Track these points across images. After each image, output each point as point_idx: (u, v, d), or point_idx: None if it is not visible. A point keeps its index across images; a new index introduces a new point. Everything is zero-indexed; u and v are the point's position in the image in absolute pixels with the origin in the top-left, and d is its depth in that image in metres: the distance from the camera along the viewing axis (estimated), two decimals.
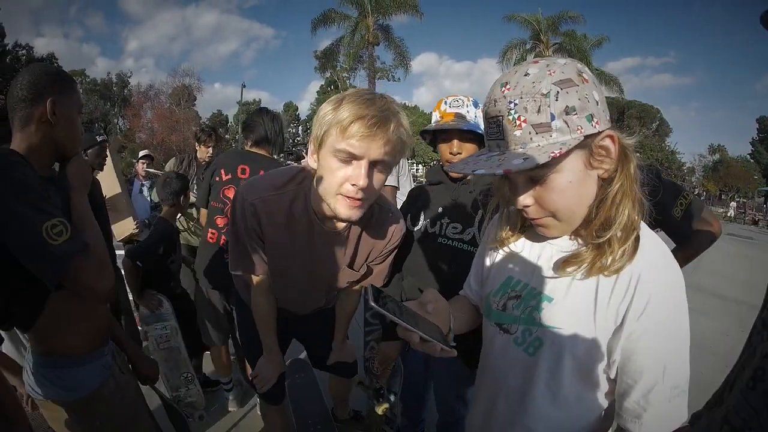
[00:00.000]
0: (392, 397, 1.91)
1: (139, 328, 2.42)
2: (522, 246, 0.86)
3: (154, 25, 72.81)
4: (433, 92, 79.66)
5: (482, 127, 0.70)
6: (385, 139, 0.96)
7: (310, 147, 1.07)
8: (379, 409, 1.85)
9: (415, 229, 1.55)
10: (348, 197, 1.02)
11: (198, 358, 2.57)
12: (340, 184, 1.01)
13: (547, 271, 0.78)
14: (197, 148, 3.37)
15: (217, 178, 2.19)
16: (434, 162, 5.89)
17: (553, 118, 0.64)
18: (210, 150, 3.27)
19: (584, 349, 0.72)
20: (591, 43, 23.52)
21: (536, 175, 0.69)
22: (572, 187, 0.69)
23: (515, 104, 0.65)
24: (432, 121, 1.51)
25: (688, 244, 1.65)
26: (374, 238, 1.28)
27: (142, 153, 4.62)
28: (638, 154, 0.72)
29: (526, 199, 0.73)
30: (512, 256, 0.87)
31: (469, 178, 1.46)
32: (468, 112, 1.44)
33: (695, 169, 46.23)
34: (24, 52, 26.62)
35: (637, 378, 0.70)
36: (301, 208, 1.19)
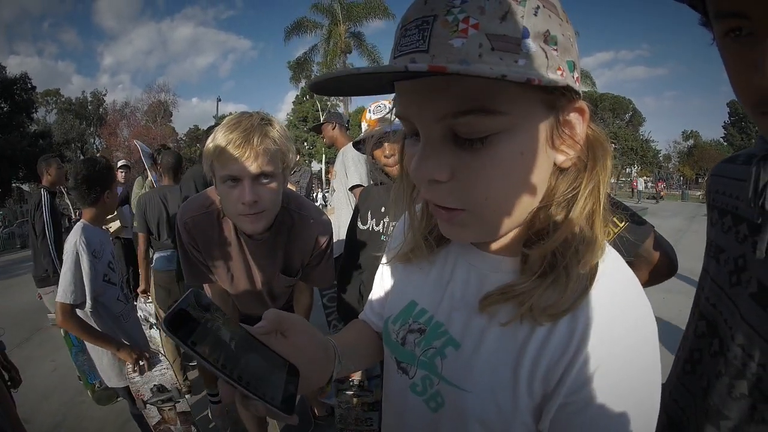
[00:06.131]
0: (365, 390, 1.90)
1: None
2: (432, 261, 0.60)
3: (130, 41, 72.00)
4: None
5: None
6: (254, 154, 1.06)
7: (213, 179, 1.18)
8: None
9: (364, 227, 1.60)
10: (246, 215, 1.13)
11: None
12: (234, 205, 1.13)
13: (459, 303, 0.54)
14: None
15: None
16: None
17: (525, 34, 0.39)
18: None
19: (498, 419, 0.49)
20: None
21: (468, 127, 0.41)
22: (522, 163, 0.43)
23: (463, 0, 0.39)
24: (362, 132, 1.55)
25: None
26: (299, 244, 1.36)
27: (120, 163, 5.09)
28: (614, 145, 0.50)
29: (437, 170, 0.43)
30: (418, 273, 0.62)
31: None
32: (392, 114, 1.47)
33: (671, 155, 47.40)
34: None
35: None
36: (227, 223, 1.29)
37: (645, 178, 28.79)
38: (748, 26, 0.45)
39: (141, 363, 1.71)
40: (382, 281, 0.73)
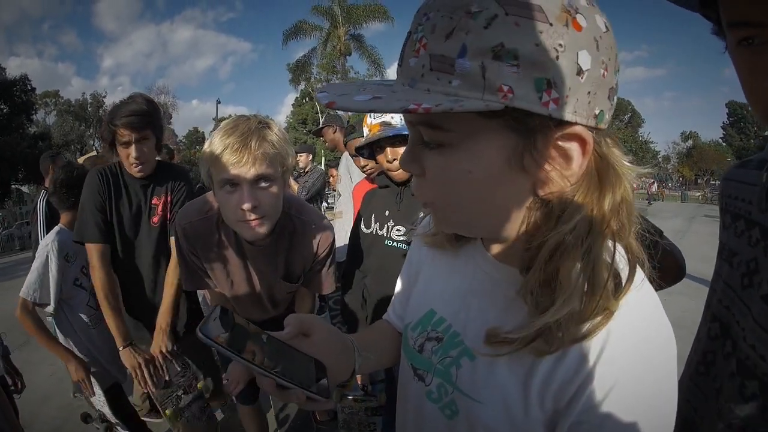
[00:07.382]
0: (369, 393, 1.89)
1: None
2: (450, 266, 0.61)
3: (130, 43, 72.18)
4: None
5: None
6: (252, 158, 1.04)
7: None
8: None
9: (367, 231, 1.59)
10: (246, 221, 1.10)
11: None
12: (234, 212, 1.10)
13: (475, 314, 0.55)
14: None
15: None
16: None
17: (462, 53, 0.38)
18: None
19: (510, 430, 0.49)
20: None
21: (424, 135, 0.45)
22: (471, 180, 0.43)
23: (427, 18, 0.40)
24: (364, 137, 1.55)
25: None
26: (301, 250, 1.33)
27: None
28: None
29: (410, 164, 0.48)
30: (439, 280, 0.63)
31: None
32: (393, 117, 1.47)
33: (670, 156, 47.52)
34: None
35: None
36: (227, 228, 1.25)
37: (651, 180, 28.81)
38: (762, 35, 0.46)
39: (82, 387, 1.67)
40: (404, 284, 0.75)
